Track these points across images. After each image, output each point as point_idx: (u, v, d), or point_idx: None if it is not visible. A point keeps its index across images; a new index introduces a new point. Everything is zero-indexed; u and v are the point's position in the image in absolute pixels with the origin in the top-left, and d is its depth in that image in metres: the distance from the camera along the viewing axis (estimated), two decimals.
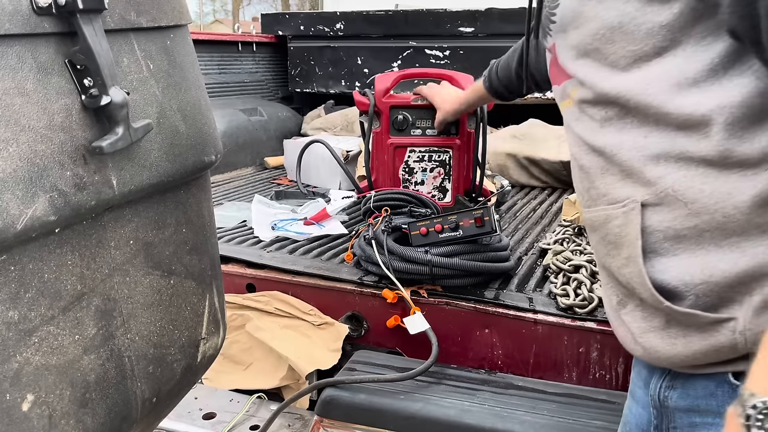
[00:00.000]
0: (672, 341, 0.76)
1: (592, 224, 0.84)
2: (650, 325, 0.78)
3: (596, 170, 0.81)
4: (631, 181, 0.76)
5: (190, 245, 0.93)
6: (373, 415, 1.29)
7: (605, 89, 0.76)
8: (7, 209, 0.62)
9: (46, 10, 0.65)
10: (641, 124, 0.75)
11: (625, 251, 0.77)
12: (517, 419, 1.23)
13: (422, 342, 1.47)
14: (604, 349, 1.42)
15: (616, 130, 0.77)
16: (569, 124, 0.87)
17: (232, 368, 1.64)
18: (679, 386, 0.79)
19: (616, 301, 0.84)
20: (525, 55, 1.37)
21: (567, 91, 0.85)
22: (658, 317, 0.77)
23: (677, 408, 0.79)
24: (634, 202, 0.75)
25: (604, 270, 0.86)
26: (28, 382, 0.68)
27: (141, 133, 0.76)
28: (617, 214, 0.78)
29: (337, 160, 2.40)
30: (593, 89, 0.78)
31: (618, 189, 0.78)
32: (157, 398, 0.89)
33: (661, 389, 0.81)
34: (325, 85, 3.76)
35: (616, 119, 0.77)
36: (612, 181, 0.79)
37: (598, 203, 0.82)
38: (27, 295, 0.67)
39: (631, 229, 0.76)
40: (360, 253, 1.70)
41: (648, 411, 0.84)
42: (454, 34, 3.35)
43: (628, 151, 0.76)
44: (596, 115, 0.80)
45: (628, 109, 0.75)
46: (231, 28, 20.57)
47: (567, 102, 0.86)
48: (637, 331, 0.80)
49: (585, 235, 1.85)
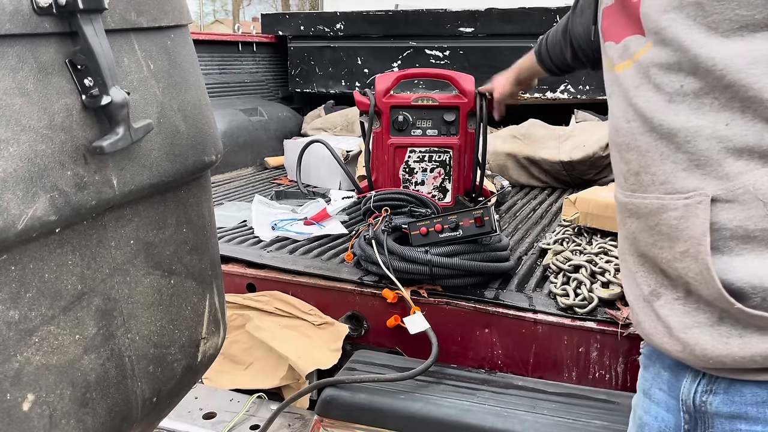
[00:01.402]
0: (724, 340, 0.70)
1: (636, 210, 0.78)
2: (695, 320, 0.73)
3: (655, 154, 0.73)
4: (700, 173, 0.69)
5: (191, 245, 0.93)
6: (373, 415, 1.29)
7: (699, 55, 0.66)
8: (8, 209, 0.62)
9: (46, 10, 0.65)
10: (723, 107, 0.66)
11: (682, 245, 0.71)
12: (517, 419, 1.23)
13: (422, 342, 1.47)
14: (603, 348, 1.42)
15: (690, 109, 0.69)
16: (624, 90, 0.77)
17: (232, 368, 1.64)
18: (721, 391, 0.74)
19: (648, 291, 0.79)
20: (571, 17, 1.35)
21: (630, 49, 0.75)
22: (706, 313, 0.72)
23: (718, 414, 0.74)
24: (702, 195, 0.68)
25: (639, 257, 0.80)
26: (28, 382, 0.68)
27: (141, 133, 0.76)
28: (677, 205, 0.71)
29: (337, 160, 2.40)
30: (681, 51, 0.68)
31: (681, 179, 0.70)
32: (158, 398, 0.90)
33: (696, 393, 0.76)
34: (325, 85, 3.76)
35: (692, 96, 0.68)
36: (673, 169, 0.71)
37: (650, 190, 0.74)
38: (27, 295, 0.67)
39: (693, 223, 0.69)
40: (360, 253, 1.70)
41: (676, 415, 0.80)
42: (454, 34, 3.35)
43: (707, 140, 0.68)
44: (669, 85, 0.70)
45: (715, 85, 0.66)
46: (231, 29, 20.57)
47: (626, 63, 0.76)
48: (678, 325, 0.74)
49: (585, 235, 1.85)
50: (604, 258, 1.64)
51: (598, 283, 1.55)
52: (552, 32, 1.65)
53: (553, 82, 3.13)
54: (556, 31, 1.62)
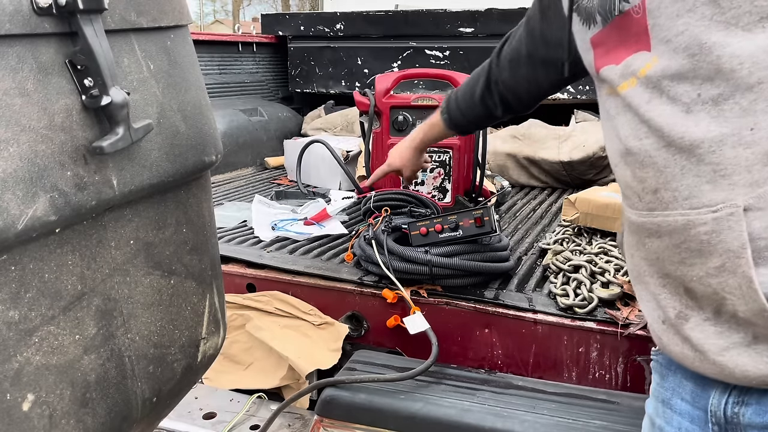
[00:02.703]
0: (765, 360, 0.68)
1: (657, 229, 0.74)
2: (730, 341, 0.70)
3: (675, 168, 0.70)
4: (727, 183, 0.66)
5: (191, 245, 0.93)
6: (373, 415, 1.29)
7: (723, 56, 0.63)
8: (8, 209, 0.62)
9: (46, 10, 0.65)
10: (745, 112, 0.63)
11: (716, 260, 0.68)
12: (517, 419, 1.23)
13: (422, 342, 1.47)
14: (603, 348, 1.42)
15: (710, 117, 0.66)
16: (633, 108, 0.74)
17: (232, 368, 1.64)
18: (753, 402, 0.72)
19: (674, 313, 0.75)
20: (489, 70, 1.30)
21: (632, 66, 0.73)
22: (740, 332, 0.69)
23: (751, 425, 0.72)
24: (733, 206, 0.65)
25: (662, 278, 0.76)
26: (28, 382, 0.68)
27: (141, 133, 0.76)
28: (705, 219, 0.68)
29: (337, 160, 2.40)
30: (700, 56, 0.65)
31: (707, 192, 0.67)
32: (158, 398, 0.90)
33: (727, 405, 0.74)
34: (325, 85, 3.76)
35: (711, 104, 0.65)
36: (696, 182, 0.68)
37: (673, 206, 0.71)
38: (27, 295, 0.67)
39: (728, 236, 0.66)
40: (360, 253, 1.70)
41: (703, 427, 0.77)
42: (454, 35, 3.35)
43: (733, 148, 0.64)
44: (685, 95, 0.67)
45: (737, 88, 0.64)
46: (231, 29, 20.57)
47: (630, 81, 0.74)
48: (713, 348, 0.71)
49: (585, 235, 1.85)
50: (604, 258, 1.64)
51: (598, 283, 1.55)
52: (463, 97, 1.49)
53: None
54: (470, 96, 1.46)
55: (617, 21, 0.75)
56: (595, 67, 0.81)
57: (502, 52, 1.37)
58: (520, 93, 1.37)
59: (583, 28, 0.84)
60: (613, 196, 1.82)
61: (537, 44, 1.25)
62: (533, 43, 1.25)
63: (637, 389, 1.40)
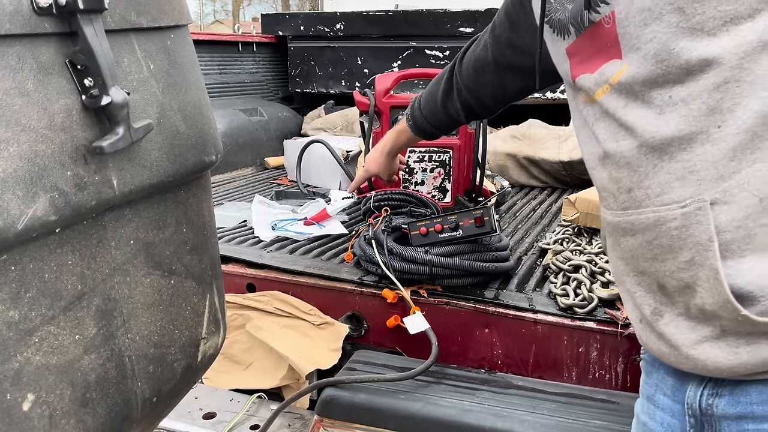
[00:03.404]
0: (734, 351, 0.70)
1: (631, 228, 0.77)
2: (701, 335, 0.72)
3: (648, 167, 0.73)
4: (695, 179, 0.68)
5: (191, 245, 0.93)
6: (373, 415, 1.29)
7: (690, 60, 0.66)
8: (8, 209, 0.62)
9: (46, 10, 0.65)
10: (713, 110, 0.66)
11: (686, 254, 0.70)
12: (517, 419, 1.23)
13: (422, 342, 1.47)
14: (603, 348, 1.42)
15: (680, 117, 0.69)
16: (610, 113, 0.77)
17: (232, 368, 1.64)
18: (726, 393, 0.74)
19: (649, 311, 0.78)
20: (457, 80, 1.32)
21: (605, 74, 0.76)
22: (710, 326, 0.71)
23: (725, 416, 0.74)
24: (701, 201, 0.68)
25: (637, 275, 0.79)
26: (28, 382, 0.68)
27: (141, 133, 0.76)
28: (674, 215, 0.70)
29: (337, 160, 2.40)
30: (669, 61, 0.68)
31: (677, 188, 0.70)
32: (158, 398, 0.90)
33: (702, 397, 0.76)
34: (325, 85, 3.76)
35: (681, 104, 0.68)
36: (668, 179, 0.71)
37: (645, 204, 0.74)
38: (27, 295, 0.67)
39: (696, 230, 0.68)
40: (360, 253, 1.70)
41: (682, 420, 0.79)
42: (454, 35, 3.35)
43: (701, 145, 0.67)
44: (657, 98, 0.70)
45: (704, 89, 0.67)
46: (231, 29, 20.58)
47: (604, 88, 0.76)
48: (685, 342, 0.73)
49: (585, 235, 1.85)
50: (604, 258, 1.64)
51: (598, 283, 1.55)
52: (426, 105, 1.54)
53: None
54: (433, 103, 1.51)
55: (590, 31, 0.77)
56: (572, 76, 0.83)
57: (464, 59, 1.41)
58: (484, 99, 1.41)
59: (556, 39, 0.86)
60: None
61: (504, 51, 1.28)
62: (500, 50, 1.29)
63: (637, 389, 1.39)
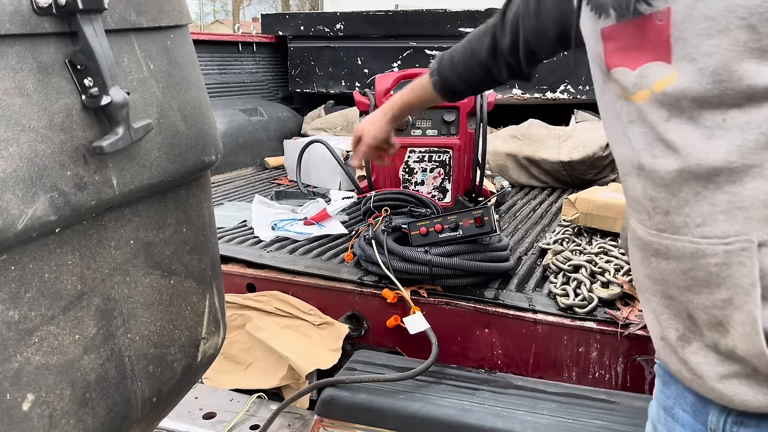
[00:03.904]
0: (764, 391, 0.67)
1: (665, 252, 0.71)
2: (730, 369, 0.69)
3: (689, 194, 0.66)
4: (743, 216, 0.63)
5: (191, 245, 0.93)
6: (373, 415, 1.29)
7: (755, 86, 0.59)
8: (8, 209, 0.62)
9: (46, 10, 0.66)
10: None
11: (724, 293, 0.66)
12: (517, 419, 1.23)
13: (422, 342, 1.47)
14: (603, 348, 1.42)
15: (733, 146, 0.62)
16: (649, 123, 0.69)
17: (232, 368, 1.64)
18: (752, 425, 0.70)
19: (675, 336, 0.74)
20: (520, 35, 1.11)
21: (648, 78, 0.68)
22: (740, 363, 0.68)
23: None
24: (747, 241, 0.63)
25: (665, 299, 0.74)
26: (28, 382, 0.68)
27: (141, 133, 0.76)
28: (716, 251, 0.65)
29: (337, 160, 2.40)
30: (729, 83, 0.61)
31: (720, 222, 0.65)
32: (158, 398, 0.90)
33: (726, 424, 0.73)
34: (325, 85, 3.76)
35: (736, 131, 0.62)
36: (710, 211, 0.65)
37: (683, 232, 0.68)
38: (27, 295, 0.67)
39: (738, 272, 0.64)
40: (360, 253, 1.70)
41: None
42: (454, 34, 3.35)
43: (753, 180, 0.62)
44: (708, 119, 0.63)
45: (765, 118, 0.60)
46: (231, 29, 20.57)
47: (644, 93, 0.69)
48: (712, 375, 0.70)
49: (585, 235, 1.85)
50: (604, 258, 1.64)
51: (598, 283, 1.55)
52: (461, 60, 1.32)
53: (553, 82, 3.13)
54: (471, 58, 1.30)
55: (636, 22, 0.69)
56: (606, 63, 0.75)
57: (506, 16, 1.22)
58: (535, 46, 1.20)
59: (592, 15, 0.77)
60: (613, 196, 1.82)
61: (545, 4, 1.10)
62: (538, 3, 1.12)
63: (637, 389, 1.40)
